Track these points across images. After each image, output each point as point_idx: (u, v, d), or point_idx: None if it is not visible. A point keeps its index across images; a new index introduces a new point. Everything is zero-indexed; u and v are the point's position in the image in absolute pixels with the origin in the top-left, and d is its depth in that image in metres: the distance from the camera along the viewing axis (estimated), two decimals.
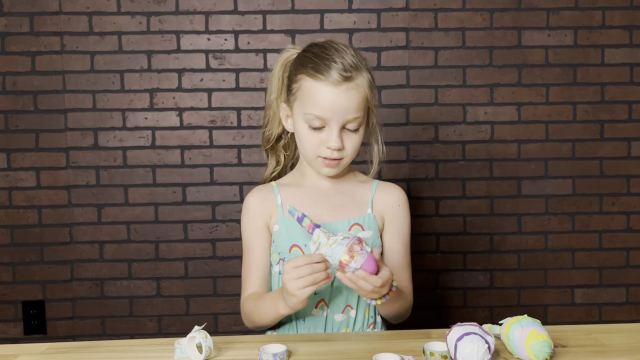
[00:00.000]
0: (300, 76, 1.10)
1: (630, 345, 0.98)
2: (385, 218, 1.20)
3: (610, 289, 2.21)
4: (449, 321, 2.02)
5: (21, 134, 2.10)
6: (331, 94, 1.06)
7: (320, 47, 1.11)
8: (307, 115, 1.08)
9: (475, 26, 2.11)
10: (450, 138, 2.15)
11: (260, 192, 1.21)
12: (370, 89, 1.10)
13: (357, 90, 1.07)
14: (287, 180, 1.24)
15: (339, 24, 2.10)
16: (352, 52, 1.10)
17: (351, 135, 1.10)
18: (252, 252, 1.18)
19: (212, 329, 2.15)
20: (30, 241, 2.13)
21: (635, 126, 2.16)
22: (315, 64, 1.08)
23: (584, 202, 2.18)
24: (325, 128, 1.09)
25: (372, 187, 1.22)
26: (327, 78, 1.06)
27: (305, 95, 1.09)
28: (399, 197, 1.23)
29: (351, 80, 1.06)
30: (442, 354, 0.91)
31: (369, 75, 1.11)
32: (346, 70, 1.06)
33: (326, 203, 1.17)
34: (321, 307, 1.15)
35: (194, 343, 0.94)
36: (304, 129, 1.11)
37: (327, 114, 1.07)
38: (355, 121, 1.09)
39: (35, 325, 2.14)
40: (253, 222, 1.18)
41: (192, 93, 2.11)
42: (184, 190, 2.14)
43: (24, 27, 2.06)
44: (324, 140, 1.09)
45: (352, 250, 0.94)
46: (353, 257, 0.94)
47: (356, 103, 1.07)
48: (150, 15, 2.08)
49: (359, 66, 1.08)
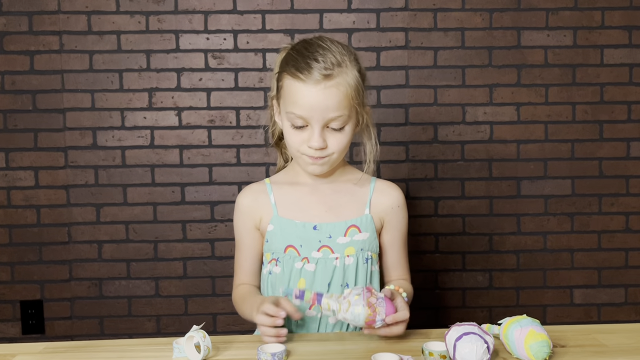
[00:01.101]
0: (283, 74, 1.08)
1: (630, 346, 0.98)
2: (385, 219, 1.19)
3: (609, 290, 2.21)
4: (448, 321, 2.02)
5: (20, 133, 2.10)
6: (309, 93, 1.04)
7: (306, 44, 1.09)
8: (289, 115, 1.07)
9: (475, 26, 2.11)
10: (449, 138, 2.15)
11: (252, 193, 1.20)
12: (356, 86, 1.07)
13: (337, 89, 1.04)
14: (281, 177, 1.22)
15: (338, 23, 2.10)
16: (339, 49, 1.07)
17: (335, 134, 1.08)
18: (241, 250, 1.22)
19: (210, 328, 2.14)
20: (28, 241, 2.12)
21: (634, 126, 2.17)
22: (296, 63, 1.06)
23: (583, 202, 2.18)
24: (307, 127, 1.07)
25: (370, 186, 1.20)
26: (305, 77, 1.04)
27: (286, 94, 1.08)
28: (398, 198, 1.21)
29: (331, 78, 1.04)
30: (441, 354, 0.90)
31: (356, 72, 1.07)
32: (326, 68, 1.03)
33: (322, 203, 1.16)
34: (315, 307, 1.14)
35: (192, 343, 0.94)
36: (287, 127, 1.10)
37: (307, 113, 1.05)
38: (338, 120, 1.06)
39: (34, 325, 2.14)
40: (242, 222, 1.20)
41: (191, 93, 2.11)
42: (182, 190, 2.13)
43: (23, 26, 2.06)
44: (306, 139, 1.08)
45: (371, 305, 0.94)
46: (375, 310, 0.94)
47: (336, 101, 1.05)
48: (149, 15, 2.08)
49: (343, 63, 1.05)
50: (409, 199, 2.16)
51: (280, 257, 1.14)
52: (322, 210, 1.15)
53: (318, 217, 1.14)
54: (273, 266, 1.15)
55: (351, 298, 0.95)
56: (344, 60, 1.06)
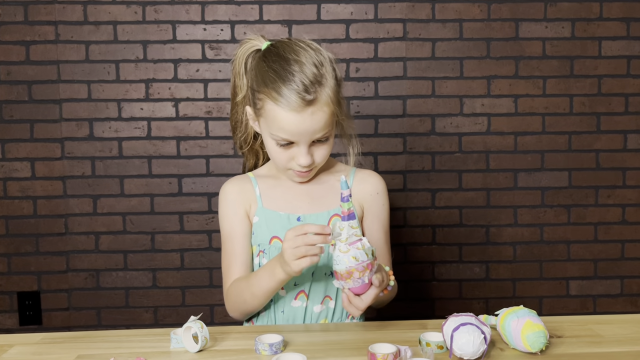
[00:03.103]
0: (262, 96, 1.04)
1: (625, 336, 0.98)
2: (364, 206, 1.19)
3: (605, 281, 2.22)
4: (445, 312, 2.02)
5: (16, 124, 2.09)
6: (295, 120, 1.02)
7: (279, 59, 1.04)
8: (274, 136, 1.06)
9: (473, 17, 2.11)
10: (447, 130, 2.14)
11: (238, 183, 1.19)
12: (337, 100, 1.05)
13: (322, 111, 1.03)
14: (264, 171, 1.21)
15: (336, 14, 2.09)
16: (314, 58, 1.03)
17: (320, 147, 1.08)
18: (233, 240, 1.15)
19: (208, 319, 2.15)
20: (25, 232, 2.12)
21: (631, 119, 2.17)
22: (275, 85, 1.02)
23: (580, 194, 2.19)
24: (293, 144, 1.06)
25: (350, 176, 1.20)
26: (289, 104, 1.00)
27: (269, 119, 1.05)
28: (377, 185, 1.20)
29: (315, 103, 1.01)
30: (438, 344, 0.91)
31: (334, 83, 1.04)
32: (308, 91, 1.00)
33: (305, 195, 1.16)
34: (301, 298, 1.14)
35: (190, 333, 0.94)
36: (272, 145, 1.08)
37: (294, 137, 1.04)
38: (324, 136, 1.06)
39: (31, 316, 2.14)
40: (233, 210, 1.16)
41: (188, 84, 2.10)
42: (179, 182, 2.13)
43: (18, 16, 2.05)
44: (293, 157, 1.08)
45: (350, 274, 0.92)
46: (346, 280, 0.93)
47: (323, 123, 1.03)
48: (145, 5, 2.06)
49: (322, 78, 1.02)
50: (407, 191, 2.16)
51: (266, 248, 1.13)
52: (305, 202, 1.16)
53: (302, 208, 1.15)
54: (261, 258, 1.14)
55: (352, 252, 0.92)
56: (322, 74, 1.03)
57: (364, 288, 0.94)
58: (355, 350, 0.93)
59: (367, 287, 0.95)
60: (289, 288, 1.14)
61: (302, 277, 1.13)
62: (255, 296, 1.09)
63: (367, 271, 0.93)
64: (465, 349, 0.85)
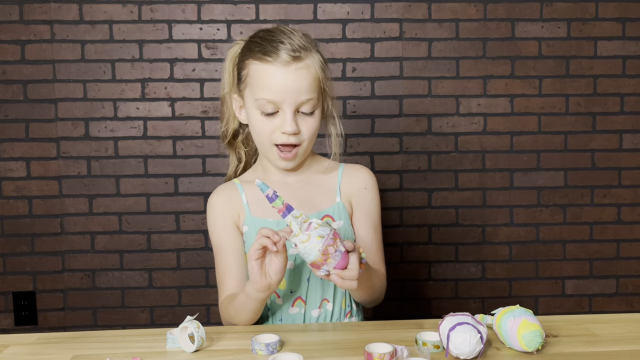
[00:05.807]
0: (248, 61, 1.07)
1: (621, 335, 0.99)
2: (353, 202, 1.16)
3: (601, 281, 2.23)
4: (441, 312, 2.03)
5: (11, 123, 2.08)
6: (281, 75, 1.03)
7: (267, 32, 1.09)
8: (259, 101, 1.05)
9: (469, 17, 2.11)
10: (443, 130, 2.15)
11: (225, 192, 1.17)
12: (322, 70, 1.07)
13: (307, 70, 1.05)
14: (250, 176, 1.19)
15: (332, 14, 2.09)
16: (301, 35, 1.07)
17: (306, 119, 1.07)
18: (224, 253, 1.13)
19: (204, 319, 2.14)
20: (20, 232, 2.11)
21: (627, 119, 2.17)
22: (262, 47, 1.05)
23: (576, 194, 2.19)
24: (278, 113, 1.06)
25: (339, 172, 1.18)
26: (275, 59, 1.03)
27: (254, 80, 1.06)
28: (365, 180, 1.18)
29: (300, 59, 1.04)
30: (434, 344, 0.91)
31: (320, 57, 1.08)
32: (294, 50, 1.03)
33: (293, 197, 1.11)
34: (298, 304, 1.13)
35: (186, 333, 0.94)
36: (256, 116, 1.07)
37: (279, 97, 1.04)
38: (309, 103, 1.05)
39: (26, 316, 2.13)
40: (221, 222, 1.14)
41: (184, 83, 2.10)
42: (176, 181, 2.13)
43: (14, 15, 2.04)
44: (278, 126, 1.06)
45: (326, 253, 0.90)
46: (327, 260, 0.90)
47: (308, 83, 1.05)
48: (141, 4, 2.06)
49: (308, 47, 1.06)
50: (403, 191, 2.16)
51: None
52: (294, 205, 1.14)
53: None
54: None
55: (312, 234, 0.90)
56: (309, 44, 1.07)
57: (344, 259, 0.92)
58: (352, 350, 0.93)
59: (347, 255, 0.92)
60: (286, 296, 1.12)
61: (297, 284, 1.11)
62: (241, 315, 1.06)
63: (337, 240, 0.91)
64: (461, 348, 0.85)
